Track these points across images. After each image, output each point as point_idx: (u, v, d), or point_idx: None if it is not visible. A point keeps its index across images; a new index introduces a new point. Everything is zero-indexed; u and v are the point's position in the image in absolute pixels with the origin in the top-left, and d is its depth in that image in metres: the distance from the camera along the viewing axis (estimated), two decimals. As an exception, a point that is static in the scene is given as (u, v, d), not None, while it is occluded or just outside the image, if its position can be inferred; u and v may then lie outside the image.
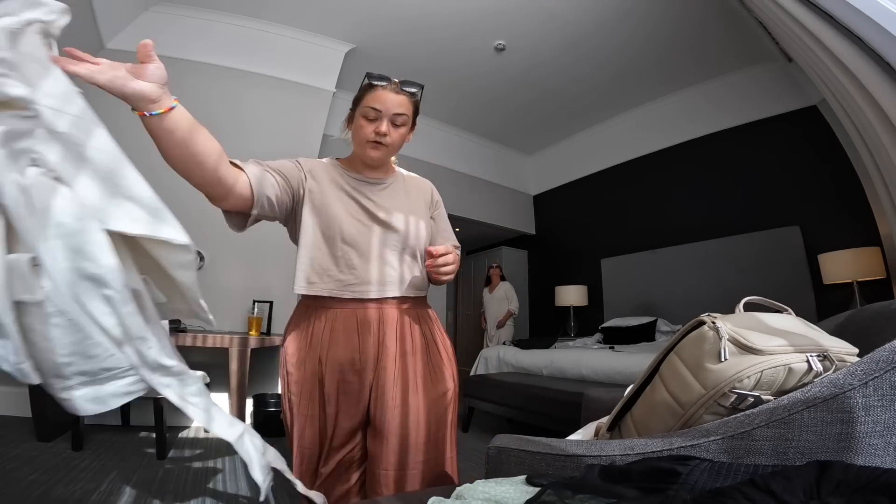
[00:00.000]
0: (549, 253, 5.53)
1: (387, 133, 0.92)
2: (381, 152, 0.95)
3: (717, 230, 3.65)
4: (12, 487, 1.53)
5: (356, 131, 0.96)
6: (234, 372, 2.41)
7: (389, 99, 0.92)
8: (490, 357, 3.54)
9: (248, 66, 3.33)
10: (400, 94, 0.94)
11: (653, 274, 4.06)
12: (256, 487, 0.68)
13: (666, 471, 0.41)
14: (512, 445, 0.67)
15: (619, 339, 3.67)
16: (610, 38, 3.40)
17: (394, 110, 0.92)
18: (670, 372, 0.68)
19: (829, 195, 3.03)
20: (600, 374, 2.68)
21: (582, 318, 4.72)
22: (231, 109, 3.22)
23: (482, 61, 3.74)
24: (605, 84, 4.05)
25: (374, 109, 0.92)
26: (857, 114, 1.58)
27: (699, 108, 3.96)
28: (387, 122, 0.92)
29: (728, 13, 2.97)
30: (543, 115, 4.71)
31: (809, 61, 1.84)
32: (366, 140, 0.94)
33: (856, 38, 1.35)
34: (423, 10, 3.18)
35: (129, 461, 1.93)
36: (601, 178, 4.91)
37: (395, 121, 0.94)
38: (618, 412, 0.78)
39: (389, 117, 0.92)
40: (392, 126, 0.94)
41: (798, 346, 0.59)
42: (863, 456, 0.49)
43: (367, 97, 0.93)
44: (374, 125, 0.93)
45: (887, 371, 0.49)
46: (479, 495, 0.45)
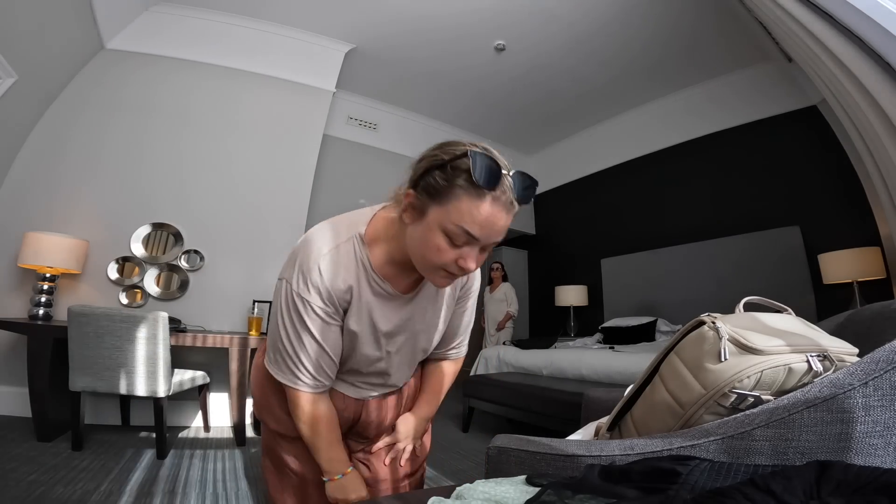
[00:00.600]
0: (549, 253, 5.52)
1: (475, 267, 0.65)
2: (452, 282, 0.70)
3: (717, 230, 3.65)
4: (12, 487, 1.53)
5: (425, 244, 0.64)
6: (234, 372, 2.41)
7: (499, 221, 0.61)
8: (490, 357, 3.54)
9: (248, 66, 3.33)
10: (512, 211, 0.63)
11: (653, 274, 4.05)
12: (256, 487, 0.68)
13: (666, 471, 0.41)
14: (512, 445, 0.67)
15: (619, 339, 3.67)
16: (610, 38, 3.40)
17: (496, 238, 0.63)
18: (670, 372, 0.68)
19: (829, 195, 3.03)
20: (600, 374, 2.68)
21: (582, 318, 4.72)
22: (231, 109, 3.22)
23: (482, 61, 3.74)
24: (606, 84, 4.05)
25: (468, 235, 0.61)
26: (857, 114, 1.58)
27: (699, 108, 3.96)
28: (479, 250, 0.64)
29: (728, 13, 2.97)
30: (544, 116, 4.71)
31: (809, 61, 1.84)
32: (440, 267, 0.65)
33: (856, 38, 1.35)
34: (424, 10, 3.18)
35: (129, 461, 1.93)
36: (601, 178, 4.91)
37: (488, 249, 0.66)
38: (618, 412, 0.78)
39: (486, 245, 0.64)
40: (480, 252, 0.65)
41: (798, 346, 0.59)
42: (863, 456, 0.48)
43: (465, 206, 0.60)
44: (458, 252, 0.63)
45: (887, 371, 0.49)
46: (479, 495, 0.45)
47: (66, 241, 2.44)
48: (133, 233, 2.81)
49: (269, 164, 3.26)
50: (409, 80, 4.09)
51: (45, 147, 2.73)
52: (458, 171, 0.61)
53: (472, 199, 0.60)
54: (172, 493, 1.63)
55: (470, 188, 0.60)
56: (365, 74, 3.99)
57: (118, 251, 2.78)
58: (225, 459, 2.09)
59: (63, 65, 2.74)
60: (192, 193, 2.99)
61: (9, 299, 2.54)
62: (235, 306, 2.94)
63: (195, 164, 3.04)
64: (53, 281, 2.47)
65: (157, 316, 2.03)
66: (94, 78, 2.91)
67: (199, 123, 3.12)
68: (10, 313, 2.52)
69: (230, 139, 3.18)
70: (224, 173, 3.10)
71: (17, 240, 2.46)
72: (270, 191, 3.22)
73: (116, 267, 2.76)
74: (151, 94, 3.03)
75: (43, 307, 2.41)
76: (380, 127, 4.48)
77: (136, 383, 2.02)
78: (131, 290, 2.77)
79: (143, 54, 3.07)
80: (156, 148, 2.98)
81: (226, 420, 2.73)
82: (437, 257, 0.63)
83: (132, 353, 2.01)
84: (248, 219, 3.09)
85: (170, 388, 2.07)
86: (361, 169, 4.28)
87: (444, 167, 0.62)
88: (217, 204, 3.02)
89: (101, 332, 1.98)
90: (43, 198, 2.68)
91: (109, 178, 2.84)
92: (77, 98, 2.85)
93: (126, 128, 2.93)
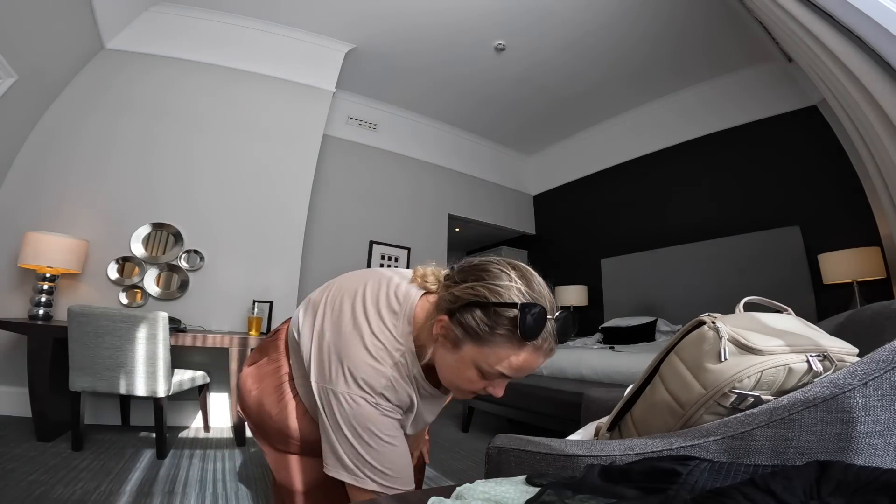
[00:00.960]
0: (549, 253, 5.52)
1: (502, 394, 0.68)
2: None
3: (717, 230, 3.65)
4: (12, 487, 1.53)
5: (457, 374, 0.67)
6: (234, 372, 2.41)
7: (535, 364, 0.63)
8: (490, 357, 3.54)
9: (247, 66, 3.33)
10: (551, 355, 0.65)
11: (653, 274, 4.05)
12: (256, 487, 0.67)
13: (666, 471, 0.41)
14: (512, 445, 0.67)
15: (619, 339, 3.66)
16: (610, 39, 3.40)
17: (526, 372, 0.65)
18: (670, 372, 0.68)
19: (829, 195, 3.03)
20: (600, 374, 2.67)
21: (582, 318, 4.71)
22: (231, 109, 3.22)
23: (482, 61, 3.74)
24: (606, 84, 4.05)
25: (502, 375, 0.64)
26: (857, 114, 1.58)
27: (699, 107, 3.96)
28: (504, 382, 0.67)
29: (728, 13, 2.97)
30: (543, 115, 4.71)
31: (809, 61, 1.83)
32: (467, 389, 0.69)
33: (856, 38, 1.35)
34: (424, 10, 3.18)
35: (128, 461, 1.93)
36: (601, 178, 4.91)
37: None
38: (618, 412, 0.78)
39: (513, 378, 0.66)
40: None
41: (798, 346, 0.59)
42: (863, 456, 0.48)
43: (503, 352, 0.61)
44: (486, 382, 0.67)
45: (887, 371, 0.49)
46: (478, 495, 0.45)
47: (66, 241, 2.45)
48: (133, 233, 2.81)
49: (269, 163, 3.26)
50: (409, 79, 4.09)
51: (45, 147, 2.73)
52: (501, 317, 0.59)
53: (513, 347, 0.59)
54: (172, 494, 1.62)
55: (512, 337, 0.59)
56: (365, 74, 3.99)
57: (118, 251, 2.78)
58: (225, 459, 2.09)
59: (63, 65, 2.74)
60: (192, 193, 2.99)
61: (9, 299, 2.54)
62: (235, 306, 2.94)
63: (195, 163, 3.04)
64: (53, 281, 2.47)
65: (157, 316, 2.03)
66: (94, 78, 2.91)
67: (199, 123, 3.12)
68: (10, 313, 2.52)
69: (230, 139, 3.18)
70: (224, 173, 3.10)
71: (17, 240, 2.46)
72: (270, 191, 3.22)
73: (116, 267, 2.76)
74: (151, 94, 3.03)
75: (43, 307, 2.41)
76: (380, 127, 4.48)
77: (136, 383, 2.02)
78: (131, 290, 2.77)
79: (143, 54, 3.07)
80: (156, 148, 2.98)
81: (226, 420, 2.73)
82: (468, 386, 0.66)
83: (132, 353, 2.01)
84: (248, 219, 3.10)
85: (170, 388, 2.07)
86: (361, 169, 4.29)
87: (486, 308, 0.60)
88: (217, 204, 3.02)
89: (101, 332, 1.98)
90: (43, 198, 2.68)
91: (110, 177, 2.84)
92: (77, 98, 2.85)
93: (126, 128, 2.93)
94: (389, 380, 0.68)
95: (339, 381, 0.68)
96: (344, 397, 0.67)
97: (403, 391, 0.70)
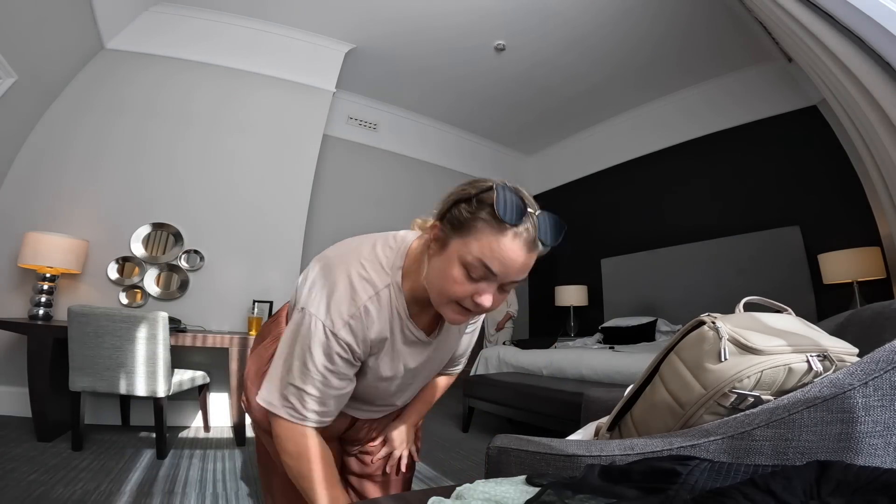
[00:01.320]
0: (549, 253, 5.51)
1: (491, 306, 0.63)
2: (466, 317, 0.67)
3: (717, 230, 3.65)
4: (12, 487, 1.53)
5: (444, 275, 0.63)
6: (234, 372, 2.41)
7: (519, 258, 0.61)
8: (490, 357, 3.54)
9: (247, 66, 3.33)
10: (534, 252, 0.63)
11: (653, 274, 4.05)
12: (256, 487, 0.67)
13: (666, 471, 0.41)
14: (512, 445, 0.67)
15: (619, 339, 3.66)
16: (610, 38, 3.40)
17: (515, 277, 0.62)
18: (670, 372, 0.68)
19: (829, 195, 3.03)
20: (600, 374, 2.67)
21: (582, 318, 4.71)
22: (231, 109, 3.22)
23: (482, 61, 3.74)
24: (605, 84, 4.06)
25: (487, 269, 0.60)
26: (857, 114, 1.58)
27: (699, 108, 3.96)
28: (495, 290, 0.63)
29: (728, 13, 2.97)
30: (543, 115, 4.71)
31: (809, 61, 1.84)
32: (454, 300, 0.64)
33: (856, 38, 1.35)
34: (424, 10, 3.18)
35: (128, 461, 1.93)
36: (601, 178, 4.91)
37: (506, 287, 0.64)
38: (618, 412, 0.78)
39: (503, 283, 0.63)
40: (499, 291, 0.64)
41: (798, 346, 0.59)
42: (863, 456, 0.48)
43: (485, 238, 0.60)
44: (474, 286, 0.62)
45: (887, 371, 0.49)
46: (479, 495, 0.45)
47: (66, 241, 2.45)
48: (133, 233, 2.81)
49: (269, 164, 3.26)
50: (409, 80, 4.09)
51: (45, 147, 2.73)
52: (483, 204, 0.61)
53: (494, 232, 0.60)
54: (172, 493, 1.62)
55: (492, 221, 0.60)
56: (365, 74, 3.99)
57: (118, 251, 2.78)
58: (225, 459, 2.09)
59: (63, 65, 2.74)
60: (192, 193, 2.99)
61: (9, 299, 2.54)
62: (235, 306, 2.94)
63: (195, 163, 3.04)
64: (53, 281, 2.47)
65: (157, 316, 2.03)
66: (94, 78, 2.91)
67: (199, 123, 3.12)
68: (10, 313, 2.52)
69: (230, 139, 3.18)
70: (224, 173, 3.10)
71: (17, 240, 2.46)
72: (270, 191, 3.22)
73: (116, 267, 2.76)
74: (151, 94, 3.03)
75: (43, 307, 2.41)
76: (380, 127, 4.47)
77: (136, 383, 2.02)
78: (131, 290, 2.77)
79: (143, 54, 3.07)
80: (156, 148, 2.98)
81: (226, 420, 2.73)
82: (453, 289, 0.62)
83: (132, 353, 2.01)
84: (248, 219, 3.09)
85: (170, 388, 2.07)
86: (361, 169, 4.28)
87: (469, 200, 0.62)
88: (217, 204, 3.02)
89: (101, 332, 1.98)
90: (43, 198, 2.68)
91: (110, 177, 2.84)
92: (77, 98, 2.85)
93: (126, 127, 2.93)
94: (360, 309, 0.68)
95: (311, 301, 0.69)
96: (307, 317, 0.68)
97: (375, 323, 0.70)
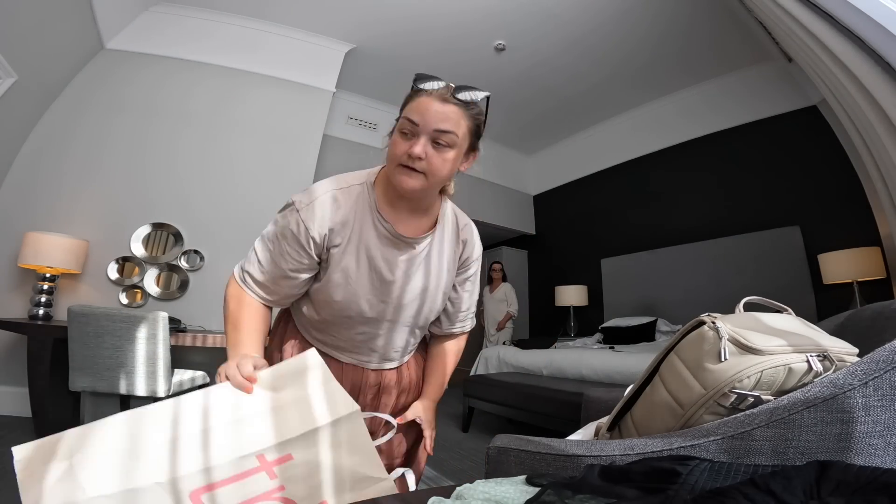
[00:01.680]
0: (549, 253, 5.53)
1: (422, 156, 0.70)
2: (416, 181, 0.73)
3: (718, 230, 3.65)
4: (12, 488, 1.52)
5: (390, 148, 0.76)
6: (234, 372, 2.41)
7: (432, 109, 0.70)
8: (490, 357, 3.54)
9: (247, 65, 3.33)
10: (448, 104, 0.71)
11: (653, 274, 4.06)
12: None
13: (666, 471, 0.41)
14: (512, 445, 0.67)
15: (619, 339, 3.67)
16: (610, 38, 3.40)
17: (436, 125, 0.70)
18: (670, 372, 0.68)
19: (829, 195, 3.03)
20: (600, 374, 2.68)
21: (582, 318, 4.72)
22: (231, 109, 3.22)
23: (482, 61, 3.74)
24: (605, 84, 4.06)
25: (410, 122, 0.71)
26: (857, 114, 1.58)
27: (699, 108, 3.96)
28: (424, 141, 0.71)
29: (728, 13, 2.98)
30: (543, 115, 4.71)
31: (809, 61, 1.84)
32: (395, 162, 0.73)
33: (856, 38, 1.35)
34: (424, 10, 3.18)
35: (129, 461, 1.93)
36: (601, 178, 4.91)
37: (437, 139, 0.71)
38: (618, 412, 0.78)
39: (429, 134, 0.71)
40: (432, 146, 0.72)
41: (798, 346, 0.59)
42: (863, 456, 0.48)
43: (406, 105, 0.74)
44: (409, 143, 0.71)
45: (887, 371, 0.49)
46: (479, 495, 0.45)
47: (66, 241, 2.45)
48: (133, 233, 2.81)
49: (269, 164, 3.26)
50: (409, 79, 4.04)
51: (45, 147, 2.73)
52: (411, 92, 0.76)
53: (412, 96, 0.74)
54: (172, 493, 1.62)
55: (411, 92, 0.75)
56: (365, 74, 3.99)
57: (118, 251, 2.78)
58: (225, 459, 2.08)
59: (63, 65, 2.74)
60: (192, 193, 2.99)
61: (9, 299, 2.54)
62: (235, 306, 2.93)
63: (195, 163, 3.04)
64: (53, 281, 2.47)
65: (157, 316, 2.03)
66: (94, 78, 2.91)
67: (199, 123, 3.12)
68: (10, 313, 2.52)
69: (230, 139, 3.18)
70: (224, 173, 3.10)
71: (17, 240, 2.46)
72: (270, 191, 3.22)
73: (116, 267, 2.76)
74: (151, 94, 3.03)
75: (43, 307, 2.41)
76: (380, 127, 4.48)
77: (136, 383, 2.02)
78: (131, 290, 2.77)
79: (143, 54, 3.07)
80: (156, 148, 2.98)
81: (226, 420, 2.73)
82: (394, 153, 0.74)
83: (132, 353, 2.01)
84: (248, 219, 3.09)
85: (170, 388, 2.07)
86: (361, 169, 4.28)
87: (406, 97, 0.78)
88: (217, 204, 3.02)
89: (101, 332, 1.98)
90: (43, 198, 2.68)
91: (110, 177, 2.84)
92: (77, 98, 2.85)
93: (126, 127, 2.93)
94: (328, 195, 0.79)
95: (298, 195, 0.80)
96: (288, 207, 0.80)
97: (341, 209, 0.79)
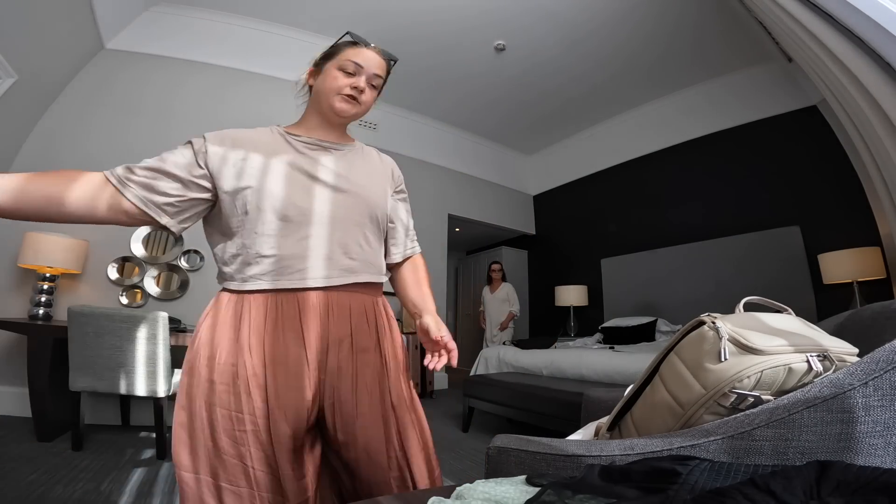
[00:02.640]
0: (549, 253, 5.53)
1: (364, 90, 0.88)
2: (353, 108, 0.89)
3: (717, 230, 3.65)
4: (12, 488, 1.53)
5: (326, 83, 0.88)
6: (234, 372, 2.41)
7: (372, 58, 0.89)
8: (490, 357, 3.54)
9: (248, 65, 3.33)
10: (381, 58, 0.92)
11: (653, 274, 4.06)
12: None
13: (666, 471, 0.41)
14: (512, 445, 0.67)
15: (619, 339, 3.67)
16: (610, 38, 3.40)
17: (374, 70, 0.89)
18: (670, 372, 0.68)
19: (829, 195, 3.03)
20: (600, 374, 2.68)
21: (582, 318, 4.72)
22: (231, 109, 3.22)
23: (482, 61, 3.74)
24: (606, 84, 4.06)
25: (355, 64, 0.87)
26: (857, 114, 1.58)
27: (699, 108, 3.96)
28: (365, 80, 0.88)
29: (728, 13, 2.97)
30: (543, 115, 4.71)
31: (809, 61, 1.84)
32: (338, 92, 0.87)
33: (856, 38, 1.35)
34: (423, 10, 3.18)
35: (129, 461, 1.93)
36: (601, 178, 4.92)
37: (371, 81, 0.90)
38: (618, 412, 0.78)
39: (368, 76, 0.89)
40: (369, 86, 0.90)
41: (798, 346, 0.59)
42: (863, 456, 0.48)
43: (348, 52, 0.89)
44: (351, 79, 0.87)
45: (887, 371, 0.49)
46: (478, 495, 0.45)
47: (66, 241, 2.44)
48: (133, 233, 2.81)
49: (269, 164, 3.26)
50: (408, 79, 4.09)
51: (45, 147, 2.73)
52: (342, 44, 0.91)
53: (356, 47, 0.90)
54: (172, 493, 1.62)
55: (351, 44, 0.91)
56: (365, 74, 3.99)
57: (118, 251, 2.77)
58: (225, 459, 2.08)
59: (63, 65, 2.74)
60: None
61: (9, 299, 2.54)
62: (235, 306, 2.93)
63: (195, 164, 3.04)
64: (53, 281, 2.47)
65: (157, 316, 2.03)
66: (95, 78, 2.91)
67: (199, 123, 3.11)
68: (10, 313, 2.52)
69: (230, 139, 3.18)
70: (224, 173, 3.10)
71: (17, 240, 2.45)
72: (270, 191, 3.22)
73: (116, 267, 2.76)
74: (151, 94, 3.03)
75: (43, 307, 2.41)
76: (380, 127, 4.47)
77: (136, 383, 2.02)
78: (131, 290, 2.77)
79: (143, 54, 3.07)
80: (156, 147, 2.94)
81: (226, 420, 2.73)
82: (336, 85, 0.87)
83: (132, 353, 2.01)
84: (248, 219, 3.09)
85: (170, 388, 2.07)
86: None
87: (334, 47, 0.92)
88: (217, 204, 3.01)
89: (101, 332, 1.98)
90: (43, 198, 2.68)
91: (109, 178, 2.84)
92: (77, 98, 2.85)
93: (126, 127, 2.93)
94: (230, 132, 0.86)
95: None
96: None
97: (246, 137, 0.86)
